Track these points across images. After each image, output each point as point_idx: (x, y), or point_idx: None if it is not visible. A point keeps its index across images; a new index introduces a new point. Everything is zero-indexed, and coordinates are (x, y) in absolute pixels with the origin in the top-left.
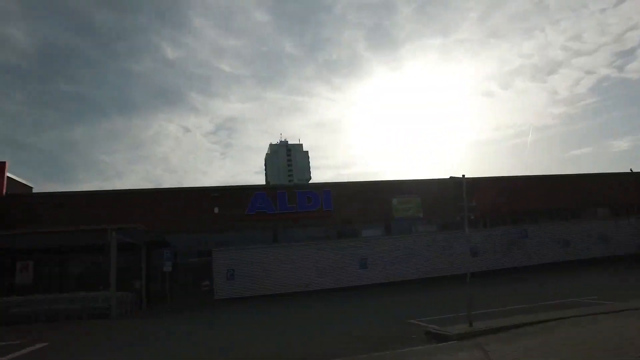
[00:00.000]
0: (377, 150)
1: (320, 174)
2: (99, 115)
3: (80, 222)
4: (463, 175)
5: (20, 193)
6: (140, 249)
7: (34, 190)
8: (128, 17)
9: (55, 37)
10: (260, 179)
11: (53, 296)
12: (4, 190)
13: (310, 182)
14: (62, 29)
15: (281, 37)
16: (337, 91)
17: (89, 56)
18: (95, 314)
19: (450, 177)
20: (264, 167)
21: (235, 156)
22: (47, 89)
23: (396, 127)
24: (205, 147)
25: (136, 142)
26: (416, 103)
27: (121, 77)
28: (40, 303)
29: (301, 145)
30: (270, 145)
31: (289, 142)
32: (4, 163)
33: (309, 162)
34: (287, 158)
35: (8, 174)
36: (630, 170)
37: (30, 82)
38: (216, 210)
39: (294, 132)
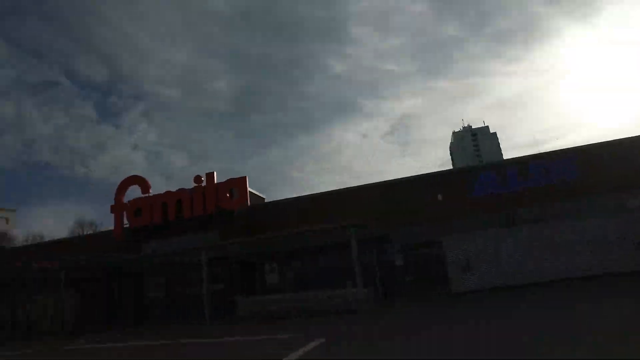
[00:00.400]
0: (580, 117)
1: (512, 156)
2: (287, 137)
3: (310, 222)
4: None
5: (258, 203)
6: (369, 245)
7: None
8: (297, 46)
9: (245, 79)
10: None
11: (306, 293)
12: (248, 201)
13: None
14: (250, 71)
15: (441, 22)
16: (514, 63)
17: (272, 88)
18: (343, 309)
19: None
20: (450, 157)
21: (415, 152)
22: (245, 124)
23: (602, 85)
24: (384, 148)
25: (321, 156)
26: (623, 52)
27: (301, 100)
28: (294, 300)
29: (487, 127)
30: (454, 133)
31: (473, 127)
32: (245, 177)
33: (498, 143)
34: (474, 143)
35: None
36: None
37: (234, 121)
38: (440, 197)
39: (474, 116)
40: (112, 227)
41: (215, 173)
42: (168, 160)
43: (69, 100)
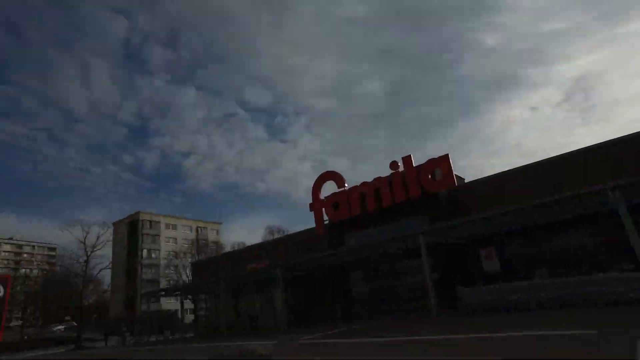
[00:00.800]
0: None
1: None
2: (446, 126)
3: (523, 199)
4: None
5: (461, 183)
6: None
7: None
8: (442, 28)
9: (394, 76)
10: None
11: (554, 280)
12: (455, 182)
13: None
14: (398, 66)
15: None
16: None
17: (422, 79)
18: (616, 299)
19: None
20: None
21: (602, 117)
22: (401, 121)
23: None
24: (560, 118)
25: (485, 139)
26: None
27: (454, 85)
28: (539, 288)
29: None
30: None
31: None
32: (447, 155)
33: None
34: None
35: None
36: None
37: (389, 120)
38: None
39: None
40: (297, 230)
41: (412, 155)
42: (332, 166)
43: (244, 126)
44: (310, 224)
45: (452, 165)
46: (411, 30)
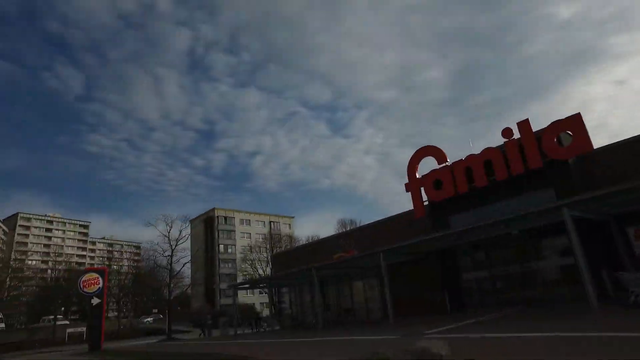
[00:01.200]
0: None
1: None
2: (517, 109)
3: None
4: None
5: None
6: None
7: None
8: (507, 4)
9: (458, 61)
10: None
11: None
12: (593, 145)
13: None
14: (461, 51)
15: None
16: None
17: (488, 62)
18: None
19: None
20: None
21: None
22: (467, 107)
23: None
24: None
25: None
26: None
27: (523, 65)
28: None
29: None
30: None
31: None
32: (579, 115)
33: None
34: None
35: None
36: None
37: (455, 107)
38: None
39: None
40: (366, 222)
41: (529, 119)
42: (397, 158)
43: (306, 124)
44: (378, 215)
45: (585, 127)
46: (475, 10)
